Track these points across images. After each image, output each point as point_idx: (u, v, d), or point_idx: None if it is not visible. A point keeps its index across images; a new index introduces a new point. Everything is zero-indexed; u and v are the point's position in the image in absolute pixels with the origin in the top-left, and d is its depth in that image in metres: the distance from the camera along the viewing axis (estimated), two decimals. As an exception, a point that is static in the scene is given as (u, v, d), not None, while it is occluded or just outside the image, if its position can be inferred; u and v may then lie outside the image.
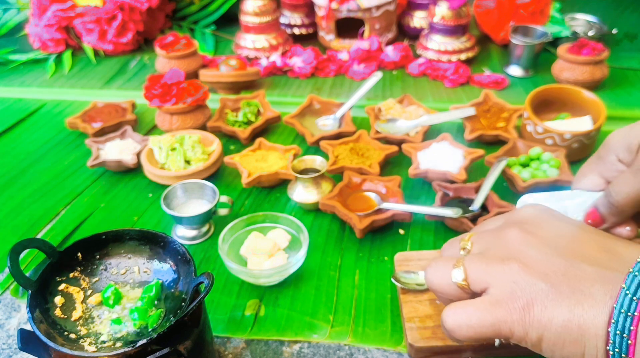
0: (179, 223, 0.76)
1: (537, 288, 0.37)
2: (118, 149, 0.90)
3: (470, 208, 0.73)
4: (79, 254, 0.53)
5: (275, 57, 1.23)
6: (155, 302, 0.51)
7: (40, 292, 0.49)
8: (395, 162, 0.90)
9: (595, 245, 0.39)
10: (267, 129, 1.01)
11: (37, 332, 0.45)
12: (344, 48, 1.26)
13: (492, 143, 0.92)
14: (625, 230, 0.51)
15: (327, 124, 0.99)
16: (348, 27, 1.27)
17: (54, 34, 1.33)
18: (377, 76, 1.02)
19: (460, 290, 0.41)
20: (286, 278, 0.69)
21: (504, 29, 1.25)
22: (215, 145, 0.90)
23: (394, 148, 0.87)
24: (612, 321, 0.33)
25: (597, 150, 0.51)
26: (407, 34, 1.35)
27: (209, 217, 0.76)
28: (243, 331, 0.63)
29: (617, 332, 0.33)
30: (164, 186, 0.82)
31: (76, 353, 0.44)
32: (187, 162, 0.87)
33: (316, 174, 0.78)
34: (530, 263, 0.38)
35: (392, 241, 0.75)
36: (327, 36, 1.29)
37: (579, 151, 0.86)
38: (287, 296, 0.67)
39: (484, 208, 0.75)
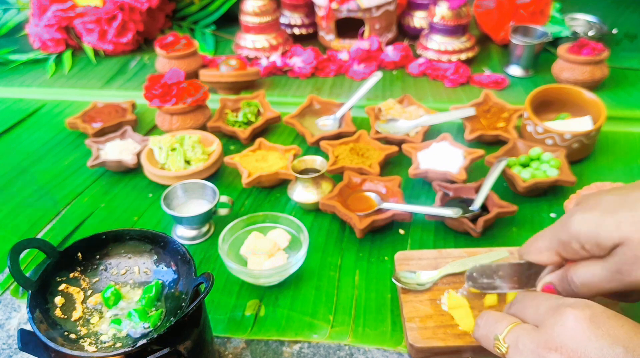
0: (179, 223, 0.76)
1: None
2: (118, 150, 0.90)
3: (470, 208, 0.73)
4: (79, 254, 0.53)
5: (275, 57, 1.23)
6: (155, 302, 0.51)
7: (40, 292, 0.49)
8: (395, 162, 0.90)
9: None
10: (267, 129, 1.01)
11: (37, 332, 0.45)
12: (344, 48, 1.26)
13: (492, 143, 0.92)
14: None
15: (327, 124, 0.99)
16: (348, 27, 1.27)
17: (54, 34, 1.33)
18: (377, 76, 1.02)
19: None
20: (286, 278, 0.69)
21: (504, 29, 1.25)
22: (215, 145, 0.90)
23: (394, 148, 0.87)
24: None
25: (556, 228, 0.47)
26: (407, 34, 1.35)
27: (209, 217, 0.76)
28: (243, 331, 0.63)
29: None
30: (164, 186, 0.82)
31: (76, 353, 0.44)
32: (187, 162, 0.87)
33: (316, 174, 0.78)
34: None
35: (392, 241, 0.75)
36: (327, 36, 1.29)
37: (579, 151, 0.86)
38: (287, 296, 0.67)
39: (484, 208, 0.75)
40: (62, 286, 0.51)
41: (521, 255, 0.52)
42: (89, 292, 0.52)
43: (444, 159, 0.82)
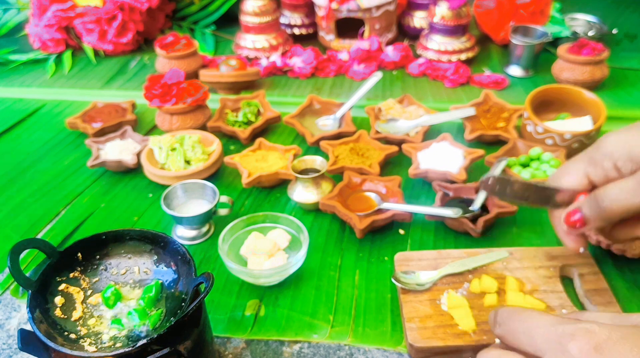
0: (179, 223, 0.76)
1: None
2: (118, 150, 0.90)
3: (470, 208, 0.73)
4: (79, 254, 0.53)
5: (275, 57, 1.23)
6: (155, 302, 0.51)
7: (40, 292, 0.49)
8: (395, 162, 0.90)
9: None
10: (267, 129, 1.01)
11: (37, 332, 0.45)
12: (344, 48, 1.26)
13: (492, 143, 0.92)
14: (580, 250, 0.50)
15: (327, 124, 0.99)
16: (348, 27, 1.27)
17: (54, 34, 1.33)
18: (377, 76, 1.02)
19: None
20: (286, 278, 0.69)
21: (504, 29, 1.25)
22: (215, 145, 0.90)
23: (394, 148, 0.87)
24: None
25: (588, 151, 0.48)
26: (407, 34, 1.35)
27: (209, 217, 0.76)
28: (243, 331, 0.63)
29: None
30: (164, 186, 0.82)
31: (76, 353, 0.44)
32: (187, 162, 0.87)
33: (316, 174, 0.78)
34: None
35: (392, 241, 0.75)
36: (327, 36, 1.29)
37: (579, 151, 0.86)
38: (287, 296, 0.67)
39: (484, 208, 0.75)
40: (62, 286, 0.51)
41: (551, 180, 0.51)
42: (89, 292, 0.52)
43: (444, 159, 0.82)
